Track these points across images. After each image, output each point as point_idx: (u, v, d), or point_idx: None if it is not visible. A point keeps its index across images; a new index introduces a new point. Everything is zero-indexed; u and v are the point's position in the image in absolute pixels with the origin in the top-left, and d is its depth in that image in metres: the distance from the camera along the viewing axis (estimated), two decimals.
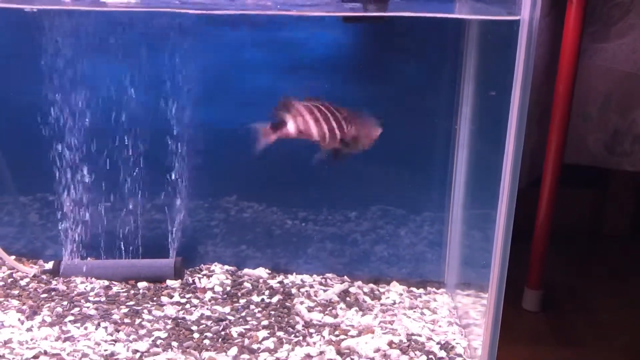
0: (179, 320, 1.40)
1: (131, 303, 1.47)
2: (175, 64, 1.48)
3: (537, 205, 1.68)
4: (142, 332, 1.35)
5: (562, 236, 1.89)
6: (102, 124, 1.52)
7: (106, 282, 1.55)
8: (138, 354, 1.28)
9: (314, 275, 1.64)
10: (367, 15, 1.39)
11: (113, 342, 1.32)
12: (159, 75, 1.49)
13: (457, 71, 1.48)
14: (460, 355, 1.31)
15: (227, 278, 1.59)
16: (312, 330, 1.38)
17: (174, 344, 1.32)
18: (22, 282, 1.54)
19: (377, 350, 1.30)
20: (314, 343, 1.34)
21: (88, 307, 1.43)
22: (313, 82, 1.50)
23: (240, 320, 1.42)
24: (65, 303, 1.45)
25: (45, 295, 1.49)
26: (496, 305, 1.19)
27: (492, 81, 1.25)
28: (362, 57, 1.54)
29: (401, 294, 1.57)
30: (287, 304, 1.49)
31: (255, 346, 1.32)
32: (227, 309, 1.46)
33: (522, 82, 1.03)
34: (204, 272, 1.62)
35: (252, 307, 1.47)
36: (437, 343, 1.34)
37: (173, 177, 1.55)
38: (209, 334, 1.36)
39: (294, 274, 1.64)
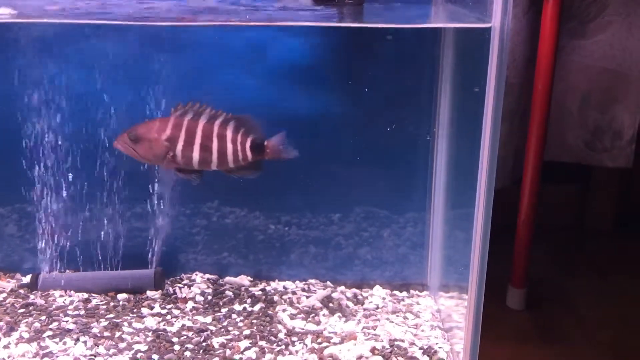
0: (160, 332, 1.39)
1: (111, 316, 1.45)
2: (150, 73, 1.46)
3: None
4: (122, 345, 1.34)
5: (545, 233, 1.89)
6: (80, 134, 1.50)
7: (85, 295, 1.52)
8: None
9: (297, 282, 1.62)
10: None
11: (93, 357, 1.30)
12: (135, 84, 1.47)
13: (435, 75, 1.48)
14: None
15: (208, 287, 1.58)
16: (294, 339, 1.37)
17: (155, 356, 1.30)
18: None
19: (360, 357, 1.30)
20: (297, 352, 1.33)
21: (67, 321, 1.41)
22: (288, 87, 1.50)
23: (222, 330, 1.40)
24: (43, 318, 1.43)
25: (22, 310, 1.46)
26: (476, 306, 1.18)
27: (468, 84, 1.25)
28: (340, 63, 1.53)
29: (384, 298, 1.57)
30: (270, 312, 1.48)
31: (237, 357, 1.31)
32: (209, 319, 1.44)
33: (495, 86, 1.04)
34: (185, 281, 1.61)
35: (233, 316, 1.46)
36: (420, 348, 1.34)
37: (152, 185, 1.53)
38: (190, 346, 1.34)
39: (277, 280, 1.63)
